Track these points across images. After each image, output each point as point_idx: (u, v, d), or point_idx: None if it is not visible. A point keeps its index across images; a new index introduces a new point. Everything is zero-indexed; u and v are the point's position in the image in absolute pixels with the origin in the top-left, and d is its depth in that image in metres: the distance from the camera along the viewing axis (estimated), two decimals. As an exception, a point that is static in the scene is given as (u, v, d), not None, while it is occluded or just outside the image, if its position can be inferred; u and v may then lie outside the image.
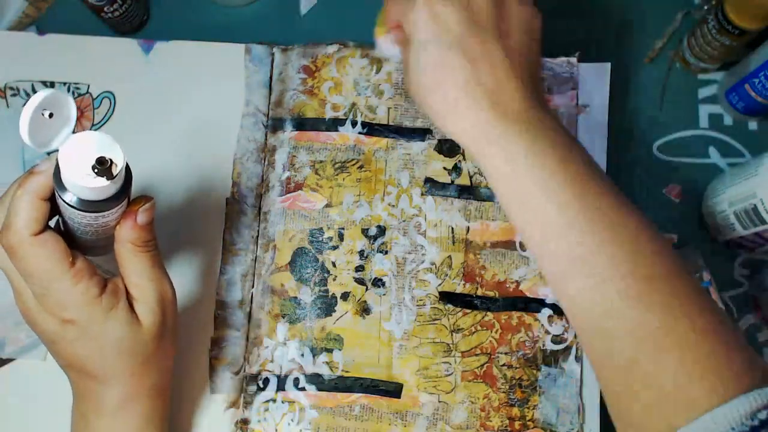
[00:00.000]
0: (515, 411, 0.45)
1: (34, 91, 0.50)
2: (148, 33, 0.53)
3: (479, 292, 0.46)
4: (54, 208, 0.33)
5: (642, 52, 0.53)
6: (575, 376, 0.45)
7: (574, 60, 0.49)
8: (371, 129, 0.49)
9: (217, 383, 0.45)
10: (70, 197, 0.31)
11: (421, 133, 0.49)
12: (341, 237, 0.47)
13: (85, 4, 0.49)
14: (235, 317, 0.46)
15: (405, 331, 0.46)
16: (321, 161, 0.48)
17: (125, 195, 0.33)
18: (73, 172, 0.31)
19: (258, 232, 0.47)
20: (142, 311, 0.36)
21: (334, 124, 0.49)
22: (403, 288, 0.46)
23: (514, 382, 0.45)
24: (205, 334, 0.45)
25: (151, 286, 0.36)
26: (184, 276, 0.47)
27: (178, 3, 0.54)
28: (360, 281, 0.47)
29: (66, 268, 0.33)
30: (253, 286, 0.46)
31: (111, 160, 0.31)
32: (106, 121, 0.50)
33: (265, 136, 0.49)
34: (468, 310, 0.46)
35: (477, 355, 0.45)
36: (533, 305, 0.46)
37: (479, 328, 0.46)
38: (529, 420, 0.44)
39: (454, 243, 0.47)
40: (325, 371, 0.45)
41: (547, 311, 0.46)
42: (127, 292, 0.36)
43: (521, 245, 0.47)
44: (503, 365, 0.45)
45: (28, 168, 0.48)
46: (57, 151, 0.31)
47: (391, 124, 0.49)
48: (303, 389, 0.45)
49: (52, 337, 0.34)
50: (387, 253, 0.47)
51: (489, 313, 0.46)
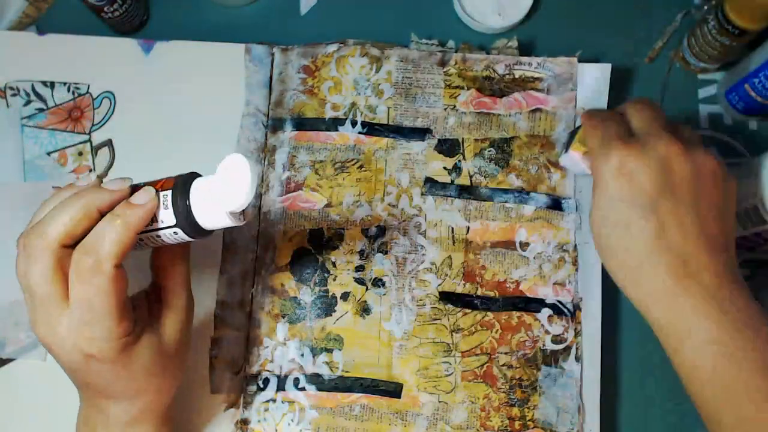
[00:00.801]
0: (515, 411, 0.45)
1: (35, 91, 0.50)
2: (148, 33, 0.53)
3: (479, 292, 0.46)
4: None
5: (642, 52, 0.53)
6: (575, 376, 0.45)
7: (574, 60, 0.49)
8: (371, 129, 0.49)
9: (217, 383, 0.45)
10: (188, 225, 0.32)
11: (421, 132, 0.49)
12: (341, 237, 0.47)
13: (85, 4, 0.49)
14: (235, 317, 0.46)
15: (405, 331, 0.46)
16: (321, 161, 0.48)
17: None
18: (210, 213, 0.32)
19: (258, 232, 0.47)
20: (170, 322, 0.36)
21: (334, 124, 0.49)
22: (403, 288, 0.46)
23: (514, 382, 0.45)
24: (205, 334, 0.45)
25: (185, 295, 0.37)
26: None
27: (178, 3, 0.54)
28: (360, 281, 0.47)
29: (121, 308, 0.32)
30: (253, 286, 0.46)
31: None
32: (106, 121, 0.50)
33: (265, 136, 0.49)
34: (468, 310, 0.46)
35: (477, 355, 0.45)
36: (533, 305, 0.46)
37: (479, 328, 0.46)
38: (529, 420, 0.44)
39: (454, 243, 0.47)
40: (325, 371, 0.45)
41: (547, 311, 0.46)
42: (150, 307, 0.36)
43: (521, 245, 0.47)
44: (503, 365, 0.45)
45: (29, 168, 0.48)
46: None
47: (391, 123, 0.49)
48: (303, 389, 0.45)
49: (73, 366, 0.34)
50: (387, 253, 0.47)
51: (489, 313, 0.46)
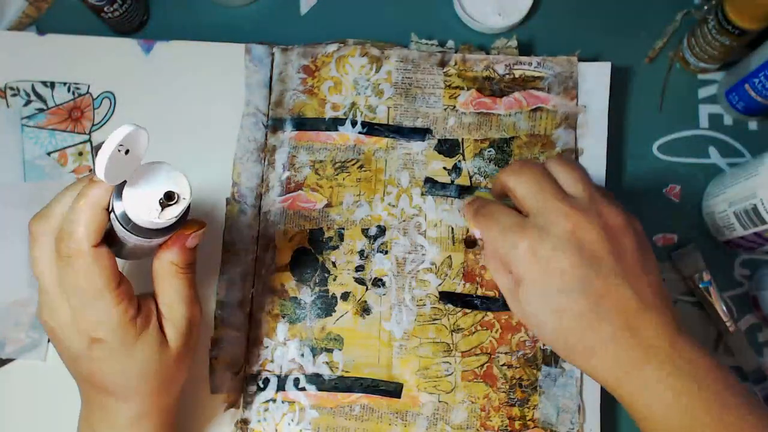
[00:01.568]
0: (515, 411, 0.45)
1: (35, 91, 0.50)
2: (148, 33, 0.53)
3: (479, 292, 0.46)
4: None
5: (642, 52, 0.53)
6: (575, 376, 0.45)
7: (574, 59, 0.49)
8: (371, 129, 0.49)
9: (217, 383, 0.45)
10: (127, 221, 0.31)
11: (421, 132, 0.49)
12: (341, 237, 0.47)
13: (85, 4, 0.49)
14: (235, 317, 0.46)
15: (405, 331, 0.46)
16: (321, 161, 0.48)
17: (184, 222, 0.33)
18: (140, 206, 0.31)
19: (258, 232, 0.47)
20: (170, 332, 0.36)
21: (334, 124, 0.49)
22: (403, 288, 0.46)
23: (515, 381, 0.45)
24: (205, 334, 0.45)
25: (184, 309, 0.36)
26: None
27: (178, 3, 0.54)
28: (360, 281, 0.47)
29: (113, 286, 0.32)
30: (253, 286, 0.46)
31: (179, 195, 0.31)
32: (106, 121, 0.50)
33: (265, 136, 0.49)
34: (468, 310, 0.46)
35: (477, 354, 0.45)
36: (533, 305, 0.46)
37: (479, 327, 0.46)
38: (529, 420, 0.44)
39: (454, 243, 0.47)
40: (325, 371, 0.45)
41: (547, 311, 0.46)
42: (157, 310, 0.36)
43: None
44: (503, 365, 0.45)
45: (29, 168, 0.48)
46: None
47: (391, 123, 0.49)
48: (303, 389, 0.45)
49: (77, 354, 0.34)
50: (387, 253, 0.47)
51: (489, 313, 0.46)
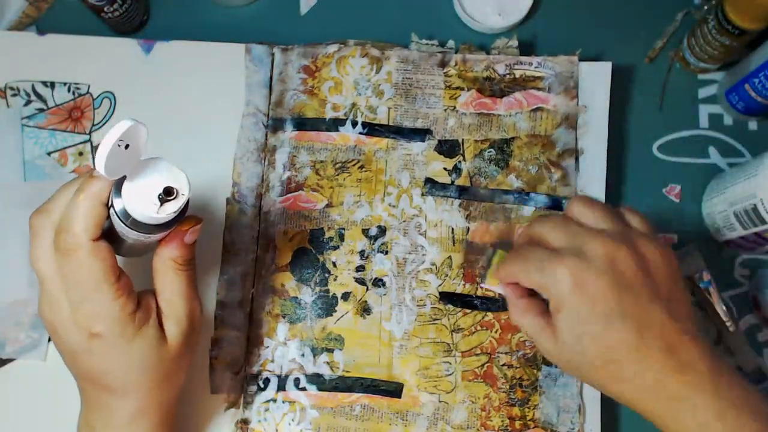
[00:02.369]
0: (516, 411, 0.45)
1: (35, 91, 0.50)
2: (148, 33, 0.53)
3: (479, 293, 0.46)
4: None
5: (642, 52, 0.53)
6: (575, 376, 0.45)
7: (574, 59, 0.49)
8: (371, 129, 0.49)
9: (217, 383, 0.45)
10: (126, 216, 0.31)
11: (422, 133, 0.49)
12: (342, 237, 0.47)
13: (85, 4, 0.49)
14: (235, 317, 0.46)
15: (405, 331, 0.46)
16: (321, 161, 0.48)
17: (182, 218, 0.33)
18: (139, 200, 0.31)
19: (258, 232, 0.47)
20: (170, 328, 0.36)
21: (335, 124, 0.49)
22: (403, 288, 0.46)
23: (515, 381, 0.45)
24: (205, 334, 0.45)
25: (184, 305, 0.36)
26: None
27: (178, 3, 0.54)
28: (360, 281, 0.47)
29: (112, 280, 0.32)
30: (253, 286, 0.46)
31: (177, 190, 0.31)
32: (106, 121, 0.50)
33: (266, 136, 0.49)
34: (468, 310, 0.46)
35: (477, 354, 0.45)
36: (533, 305, 0.46)
37: (479, 328, 0.46)
38: (529, 420, 0.44)
39: (454, 243, 0.47)
40: (325, 371, 0.45)
41: (547, 311, 0.46)
42: (157, 306, 0.36)
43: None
44: (503, 365, 0.45)
45: (29, 168, 0.48)
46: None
47: (391, 124, 0.49)
48: (303, 389, 0.45)
49: (76, 348, 0.34)
50: (387, 253, 0.47)
51: (489, 313, 0.46)
